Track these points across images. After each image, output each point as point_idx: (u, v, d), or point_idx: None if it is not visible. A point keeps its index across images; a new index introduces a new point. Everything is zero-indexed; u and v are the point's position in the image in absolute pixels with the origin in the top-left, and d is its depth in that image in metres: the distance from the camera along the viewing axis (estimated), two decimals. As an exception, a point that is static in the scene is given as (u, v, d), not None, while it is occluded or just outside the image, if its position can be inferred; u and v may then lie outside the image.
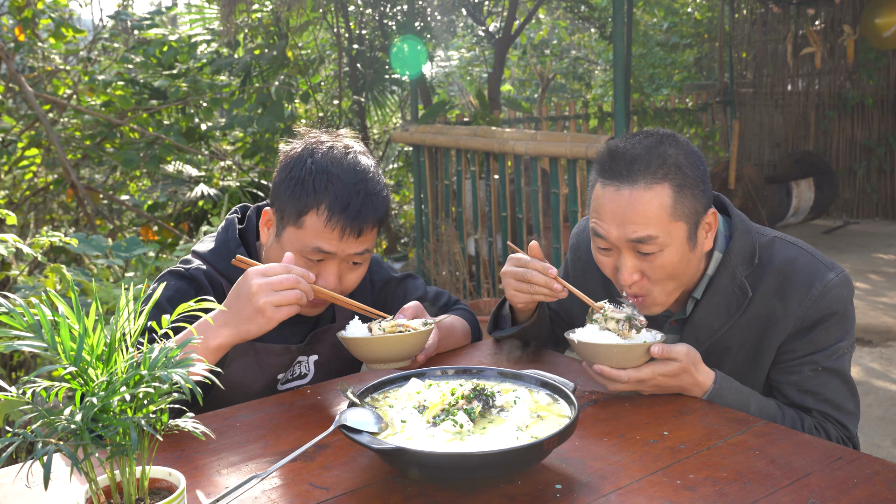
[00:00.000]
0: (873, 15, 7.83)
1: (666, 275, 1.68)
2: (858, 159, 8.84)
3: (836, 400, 1.73)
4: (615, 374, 1.59)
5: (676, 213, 1.65)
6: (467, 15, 8.75)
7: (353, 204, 1.69)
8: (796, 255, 1.75)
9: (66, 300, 1.06)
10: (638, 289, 1.70)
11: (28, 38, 6.06)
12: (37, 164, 6.43)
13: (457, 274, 5.79)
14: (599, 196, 1.70)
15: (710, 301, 1.76)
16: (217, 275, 1.81)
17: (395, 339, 1.62)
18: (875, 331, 5.29)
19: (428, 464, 1.22)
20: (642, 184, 1.63)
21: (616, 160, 1.67)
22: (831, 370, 1.72)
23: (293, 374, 1.88)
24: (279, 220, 1.76)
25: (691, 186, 1.66)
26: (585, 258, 1.97)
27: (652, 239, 1.64)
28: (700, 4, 11.82)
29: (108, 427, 1.01)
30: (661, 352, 1.58)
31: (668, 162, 1.65)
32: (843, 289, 1.72)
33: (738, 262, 1.75)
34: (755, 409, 1.68)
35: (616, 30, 4.48)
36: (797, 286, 1.71)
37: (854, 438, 1.76)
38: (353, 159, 1.74)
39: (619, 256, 1.70)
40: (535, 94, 11.88)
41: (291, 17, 7.54)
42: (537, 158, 4.86)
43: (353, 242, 1.72)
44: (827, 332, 1.71)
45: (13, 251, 3.02)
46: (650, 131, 1.72)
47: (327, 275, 1.73)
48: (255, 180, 6.52)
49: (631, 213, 1.64)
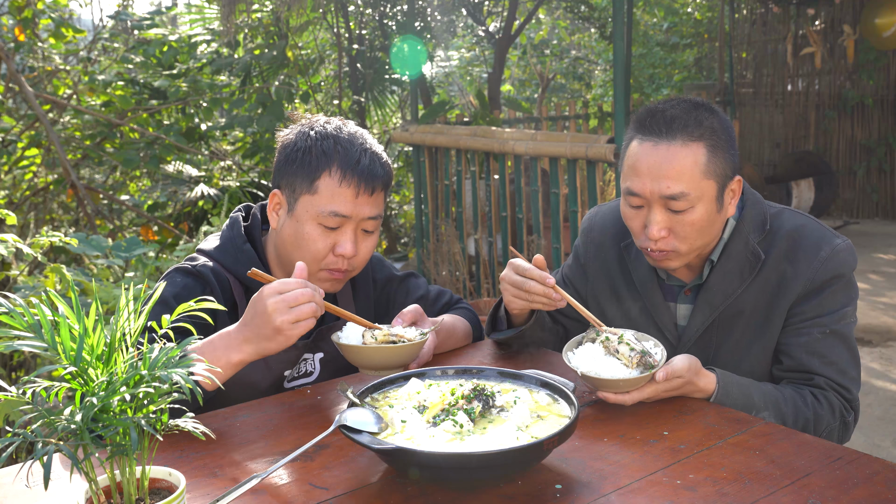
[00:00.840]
0: (873, 15, 7.83)
1: (693, 231, 1.75)
2: (858, 159, 8.84)
3: (840, 364, 1.78)
4: (619, 399, 1.59)
5: (708, 172, 1.73)
6: (467, 15, 8.75)
7: (363, 160, 1.76)
8: (805, 222, 1.85)
9: (66, 300, 1.06)
10: (664, 244, 1.77)
11: (28, 38, 6.07)
12: (37, 164, 6.43)
13: (457, 274, 5.79)
14: (635, 152, 1.77)
15: (724, 266, 1.84)
16: (224, 271, 1.82)
17: (387, 349, 1.63)
18: (875, 331, 5.29)
19: (428, 464, 1.22)
20: (679, 141, 1.72)
21: (656, 118, 1.76)
22: (838, 334, 1.79)
23: (299, 372, 1.89)
24: (290, 195, 1.79)
25: (723, 149, 1.75)
26: (600, 239, 2.04)
27: (684, 196, 1.71)
28: (700, 4, 11.82)
29: (108, 427, 1.01)
30: (665, 376, 1.58)
31: (704, 125, 1.74)
32: (848, 254, 1.81)
33: (750, 229, 1.84)
34: (758, 398, 1.70)
35: (616, 30, 4.47)
36: (806, 249, 1.80)
37: (855, 402, 1.80)
38: (352, 128, 1.83)
39: (649, 212, 1.76)
40: (535, 94, 11.88)
41: (291, 17, 7.54)
42: (537, 158, 4.86)
43: (367, 203, 1.76)
44: (834, 295, 1.79)
45: (13, 251, 3.03)
46: (686, 98, 1.82)
47: (344, 241, 1.76)
48: (255, 180, 6.53)
49: (667, 167, 1.71)
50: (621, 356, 1.60)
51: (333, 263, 1.78)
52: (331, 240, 1.76)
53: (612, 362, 1.60)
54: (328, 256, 1.77)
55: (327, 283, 1.81)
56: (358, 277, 2.00)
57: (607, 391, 1.58)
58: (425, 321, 1.83)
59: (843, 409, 1.77)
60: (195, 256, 1.86)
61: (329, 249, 1.76)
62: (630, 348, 1.61)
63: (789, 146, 9.32)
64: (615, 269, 1.99)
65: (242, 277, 1.82)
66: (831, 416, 1.74)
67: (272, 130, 6.67)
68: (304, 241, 1.76)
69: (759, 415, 1.67)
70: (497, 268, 5.57)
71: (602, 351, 1.63)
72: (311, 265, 1.77)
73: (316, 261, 1.77)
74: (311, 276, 1.78)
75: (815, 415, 1.72)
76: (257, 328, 1.52)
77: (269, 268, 1.88)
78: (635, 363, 1.58)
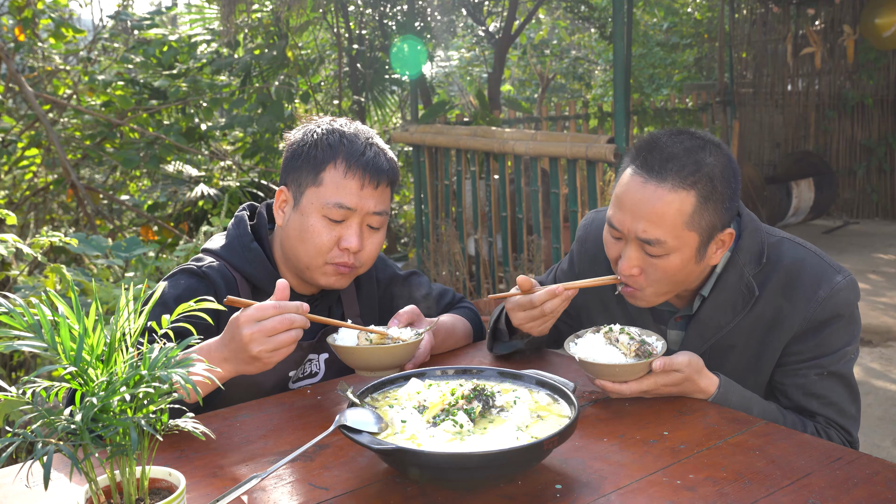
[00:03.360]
0: (873, 15, 7.83)
1: (664, 277, 1.68)
2: (858, 159, 8.84)
3: (840, 404, 1.72)
4: (617, 388, 1.59)
5: (692, 224, 1.64)
6: (467, 15, 8.75)
7: (368, 153, 1.77)
8: (804, 256, 1.75)
9: (66, 300, 1.06)
10: (633, 282, 1.71)
11: (28, 38, 6.06)
12: (37, 164, 6.43)
13: (457, 274, 5.79)
14: (625, 182, 1.69)
15: (717, 298, 1.76)
16: (231, 270, 1.81)
17: (381, 350, 1.63)
18: (875, 331, 5.29)
19: (428, 464, 1.22)
20: (669, 184, 1.62)
21: (653, 152, 1.66)
22: (837, 375, 1.72)
23: (304, 372, 1.88)
24: (295, 189, 1.79)
25: (717, 201, 1.64)
26: (593, 251, 1.97)
27: (660, 242, 1.63)
28: (700, 4, 11.82)
29: (108, 427, 1.01)
30: (663, 366, 1.57)
31: (703, 170, 1.63)
32: (849, 292, 1.72)
33: (746, 261, 1.75)
34: (757, 412, 1.67)
35: (616, 30, 4.47)
36: (804, 287, 1.71)
37: (856, 444, 1.76)
38: (356, 126, 1.84)
39: (625, 246, 1.70)
40: (535, 94, 11.88)
41: (291, 17, 7.54)
42: (537, 158, 4.86)
43: (372, 196, 1.76)
44: (833, 335, 1.71)
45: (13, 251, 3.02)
46: (698, 133, 1.70)
47: (349, 235, 1.75)
48: (255, 180, 6.53)
49: (649, 209, 1.63)
50: (621, 345, 1.61)
51: (338, 257, 1.77)
52: (336, 233, 1.76)
53: (611, 351, 1.61)
54: (333, 250, 1.76)
55: (332, 277, 1.80)
56: (361, 277, 1.99)
57: (605, 379, 1.58)
58: (422, 321, 1.83)
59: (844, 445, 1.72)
60: (201, 257, 1.85)
61: (334, 243, 1.76)
62: (630, 338, 1.62)
63: (789, 146, 9.31)
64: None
65: (250, 276, 1.82)
66: None
67: (272, 130, 6.67)
68: (309, 234, 1.75)
69: None
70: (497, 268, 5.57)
71: (603, 341, 1.64)
72: (315, 259, 1.77)
73: (320, 254, 1.76)
74: (316, 270, 1.78)
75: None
76: (235, 353, 1.48)
77: (276, 266, 1.87)
78: (633, 352, 1.59)
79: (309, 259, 1.77)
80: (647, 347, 1.60)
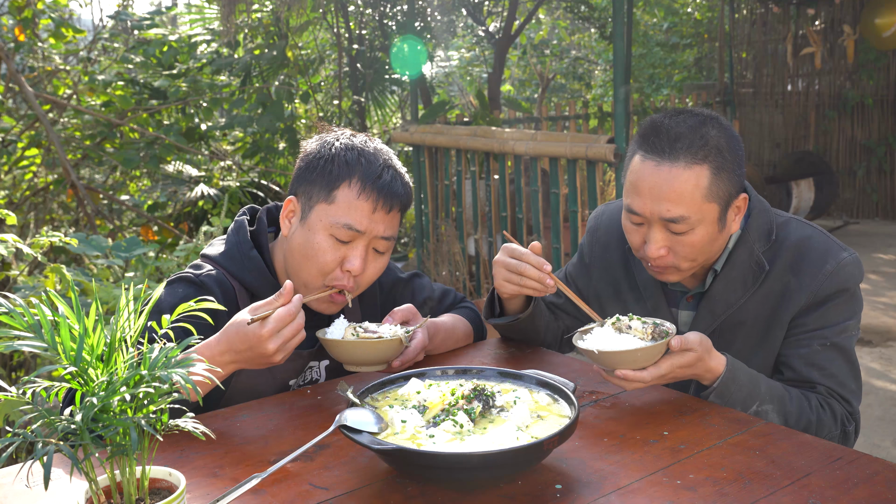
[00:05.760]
0: (873, 15, 7.83)
1: (693, 252, 1.73)
2: (858, 159, 8.84)
3: (840, 376, 1.76)
4: (638, 375, 1.57)
5: (711, 195, 1.69)
6: (467, 15, 8.75)
7: (385, 176, 1.73)
8: (811, 234, 1.82)
9: (66, 300, 1.06)
10: (662, 262, 1.75)
11: (28, 38, 6.06)
12: (37, 164, 6.43)
13: (457, 274, 5.79)
14: (637, 169, 1.73)
15: (728, 275, 1.82)
16: (229, 279, 1.79)
17: (366, 343, 1.63)
18: (875, 331, 5.29)
19: (428, 464, 1.22)
20: (682, 162, 1.68)
21: (660, 135, 1.71)
22: (839, 347, 1.77)
23: (304, 380, 1.87)
24: (305, 202, 1.75)
25: (728, 170, 1.71)
26: (605, 239, 2.03)
27: (684, 219, 1.68)
28: (700, 4, 11.82)
29: (108, 427, 1.01)
30: (680, 344, 1.58)
31: (710, 143, 1.69)
32: (854, 268, 1.78)
33: (755, 239, 1.81)
34: (764, 389, 1.69)
35: (616, 30, 4.47)
36: (811, 262, 1.77)
37: (856, 415, 1.79)
38: (378, 144, 1.81)
39: (649, 230, 1.73)
40: (535, 94, 11.88)
41: (291, 17, 7.55)
42: (537, 158, 4.86)
43: (382, 220, 1.73)
44: (837, 308, 1.77)
45: (13, 251, 3.03)
46: (695, 111, 1.76)
47: (354, 257, 1.72)
48: (255, 180, 6.53)
49: (668, 190, 1.68)
50: (635, 331, 1.61)
51: (338, 279, 1.73)
52: (340, 254, 1.71)
53: (626, 339, 1.60)
54: (335, 271, 1.73)
55: (324, 304, 1.77)
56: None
57: (626, 367, 1.57)
58: (418, 320, 1.82)
59: (845, 418, 1.75)
60: (200, 264, 1.82)
61: (337, 264, 1.72)
62: (642, 322, 1.63)
63: (789, 146, 9.31)
64: (619, 270, 1.98)
65: (248, 284, 1.79)
66: (833, 423, 1.73)
67: (272, 130, 6.67)
68: (314, 252, 1.71)
69: (762, 407, 1.67)
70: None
71: (613, 331, 1.64)
72: (315, 278, 1.73)
73: (322, 274, 1.72)
74: (312, 291, 1.74)
75: (818, 419, 1.71)
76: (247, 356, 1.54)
77: (276, 274, 1.85)
78: (650, 334, 1.59)
79: (309, 277, 1.74)
80: (662, 328, 1.61)
